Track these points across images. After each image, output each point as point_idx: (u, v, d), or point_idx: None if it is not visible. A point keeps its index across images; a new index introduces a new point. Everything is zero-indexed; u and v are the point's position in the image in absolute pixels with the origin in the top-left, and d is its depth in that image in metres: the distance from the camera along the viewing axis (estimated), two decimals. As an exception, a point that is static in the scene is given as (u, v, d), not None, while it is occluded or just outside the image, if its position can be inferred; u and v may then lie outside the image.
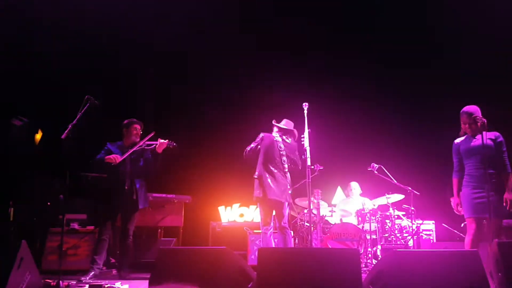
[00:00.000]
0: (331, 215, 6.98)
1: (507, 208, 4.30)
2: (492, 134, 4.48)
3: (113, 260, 5.99)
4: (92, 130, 5.94)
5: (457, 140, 4.67)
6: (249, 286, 3.61)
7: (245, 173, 7.57)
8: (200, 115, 8.48)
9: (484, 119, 4.41)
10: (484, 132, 4.33)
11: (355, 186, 7.37)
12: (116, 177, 5.19)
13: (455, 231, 6.74)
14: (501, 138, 4.49)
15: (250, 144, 5.42)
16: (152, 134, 5.25)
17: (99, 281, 4.89)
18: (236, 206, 7.76)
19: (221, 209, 7.77)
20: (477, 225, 4.38)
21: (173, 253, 3.74)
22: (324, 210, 6.92)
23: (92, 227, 6.03)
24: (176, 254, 3.70)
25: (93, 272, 4.99)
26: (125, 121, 5.44)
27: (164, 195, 6.87)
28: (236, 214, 7.69)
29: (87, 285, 4.48)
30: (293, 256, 3.50)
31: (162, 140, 5.20)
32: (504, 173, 4.40)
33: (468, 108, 4.56)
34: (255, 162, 5.36)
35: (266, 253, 3.57)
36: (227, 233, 7.09)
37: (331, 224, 6.83)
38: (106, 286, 4.37)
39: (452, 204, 4.63)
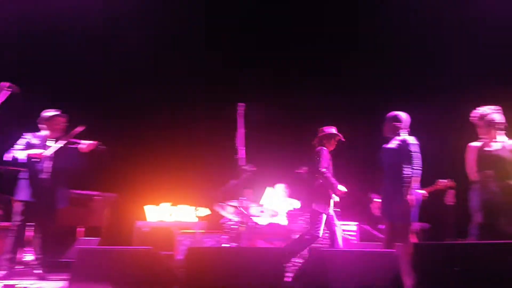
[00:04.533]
0: (260, 216, 7.04)
1: (407, 209, 4.50)
2: (401, 140, 4.68)
3: (29, 259, 5.64)
4: (11, 120, 5.52)
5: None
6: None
7: (175, 171, 7.47)
8: (130, 111, 8.22)
9: (397, 124, 4.69)
10: (394, 138, 4.67)
11: (281, 188, 7.49)
12: (35, 172, 4.85)
13: (375, 232, 7.07)
14: (406, 143, 4.59)
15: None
16: (82, 129, 4.95)
17: (13, 280, 4.61)
18: (165, 205, 7.58)
19: (148, 208, 7.56)
20: (386, 227, 4.71)
21: (94, 253, 3.61)
22: (254, 210, 6.96)
23: (7, 224, 5.63)
24: (97, 254, 3.58)
25: (6, 271, 4.66)
26: (47, 113, 5.07)
27: (87, 192, 6.56)
28: (165, 214, 7.51)
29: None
30: (220, 255, 3.51)
31: (89, 142, 4.94)
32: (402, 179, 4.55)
33: (391, 112, 4.83)
34: None
35: (194, 252, 3.54)
36: (154, 233, 6.91)
37: (259, 224, 6.89)
38: (19, 286, 4.12)
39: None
